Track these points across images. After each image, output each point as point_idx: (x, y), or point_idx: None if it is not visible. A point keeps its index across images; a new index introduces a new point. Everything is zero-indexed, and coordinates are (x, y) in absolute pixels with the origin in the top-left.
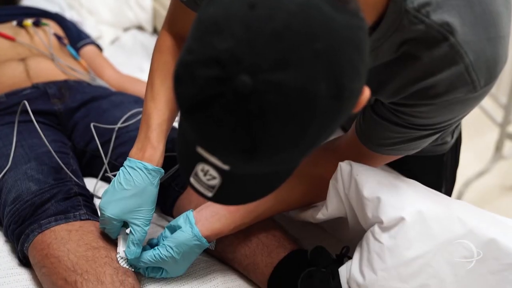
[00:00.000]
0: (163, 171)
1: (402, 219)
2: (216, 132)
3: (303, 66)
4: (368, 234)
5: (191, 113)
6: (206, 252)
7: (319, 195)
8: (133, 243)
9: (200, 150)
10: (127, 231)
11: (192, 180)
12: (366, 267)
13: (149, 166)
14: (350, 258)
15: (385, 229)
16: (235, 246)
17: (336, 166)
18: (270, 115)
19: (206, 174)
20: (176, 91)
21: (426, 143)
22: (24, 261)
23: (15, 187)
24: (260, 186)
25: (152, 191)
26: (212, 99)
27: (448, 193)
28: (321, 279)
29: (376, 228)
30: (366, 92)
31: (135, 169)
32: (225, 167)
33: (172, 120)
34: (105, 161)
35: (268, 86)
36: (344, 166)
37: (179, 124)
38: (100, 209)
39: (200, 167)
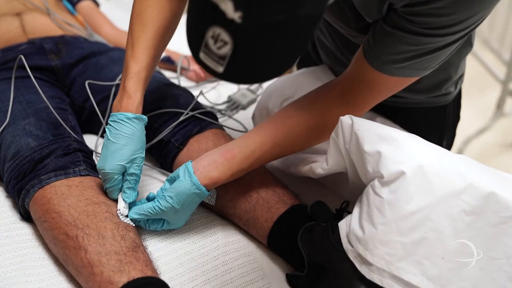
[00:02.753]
0: (144, 117)
1: (402, 173)
2: None
3: None
4: (368, 189)
5: None
6: (207, 207)
7: (318, 137)
8: (128, 188)
9: None
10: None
11: (201, 55)
12: (365, 221)
13: (129, 114)
14: (350, 212)
15: (385, 183)
16: (235, 201)
17: (336, 104)
18: None
19: (217, 41)
20: None
21: (438, 59)
22: (26, 216)
23: (14, 143)
24: (276, 55)
25: (139, 138)
26: None
27: (449, 145)
28: (321, 233)
29: (376, 182)
30: None
31: (117, 122)
32: (237, 14)
33: (153, 67)
34: (103, 121)
35: None
36: (344, 120)
37: None
38: (99, 170)
39: (210, 33)
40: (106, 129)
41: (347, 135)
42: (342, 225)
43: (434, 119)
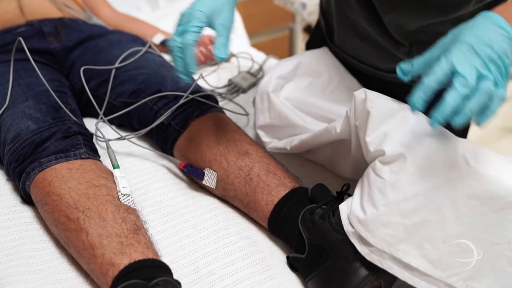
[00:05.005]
0: None
1: (404, 155)
2: None
3: None
4: (369, 170)
5: None
6: (207, 191)
7: None
8: (222, 45)
9: None
10: (118, 174)
11: None
12: (367, 203)
13: None
14: (351, 195)
15: (386, 162)
16: (236, 184)
17: None
18: None
19: None
20: None
21: None
22: (27, 199)
23: (14, 125)
24: None
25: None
26: None
27: (465, 128)
28: (322, 216)
29: (377, 163)
30: None
31: None
32: None
33: None
34: (97, 107)
35: None
36: (358, 94)
37: None
38: (187, 11)
39: None
40: None
41: (358, 110)
42: (343, 207)
43: None
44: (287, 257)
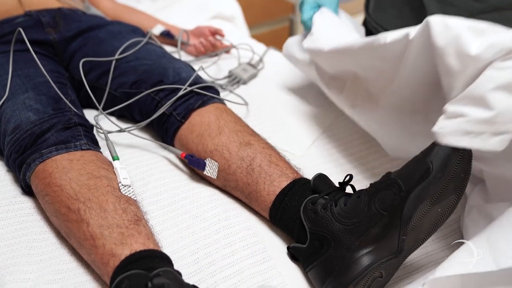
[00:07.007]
0: None
1: None
2: None
3: None
4: (488, 73)
5: None
6: (208, 181)
7: None
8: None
9: None
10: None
11: None
12: (500, 98)
13: None
14: (353, 186)
15: None
16: (237, 175)
17: None
18: None
19: None
20: None
21: None
22: (27, 190)
23: (14, 117)
24: None
25: None
26: None
27: None
28: (324, 206)
29: (500, 61)
30: None
31: None
32: None
33: None
34: (94, 99)
35: None
36: (434, 20)
37: None
38: None
39: None
40: None
41: (439, 33)
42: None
43: None
44: (288, 248)
